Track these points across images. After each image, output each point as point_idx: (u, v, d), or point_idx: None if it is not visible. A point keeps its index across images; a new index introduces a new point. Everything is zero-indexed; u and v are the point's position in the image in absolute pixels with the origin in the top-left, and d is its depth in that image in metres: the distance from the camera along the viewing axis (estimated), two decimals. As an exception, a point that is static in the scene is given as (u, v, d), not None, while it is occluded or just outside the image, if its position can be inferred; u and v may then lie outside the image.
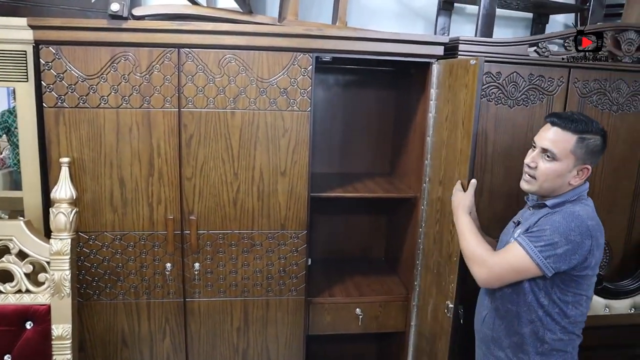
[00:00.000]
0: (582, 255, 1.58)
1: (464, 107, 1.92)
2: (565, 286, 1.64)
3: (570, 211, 1.62)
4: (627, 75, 2.38)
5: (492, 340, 1.82)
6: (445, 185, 2.12)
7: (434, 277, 2.22)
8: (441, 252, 2.14)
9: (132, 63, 2.00)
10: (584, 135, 1.64)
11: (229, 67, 2.07)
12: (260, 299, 2.32)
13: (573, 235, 1.56)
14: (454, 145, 2.02)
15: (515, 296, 1.72)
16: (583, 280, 1.64)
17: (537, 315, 1.68)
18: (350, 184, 2.62)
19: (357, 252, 3.06)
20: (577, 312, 1.68)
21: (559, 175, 1.66)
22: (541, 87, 2.29)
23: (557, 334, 1.68)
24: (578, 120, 1.65)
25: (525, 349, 1.72)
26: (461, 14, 2.93)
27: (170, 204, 2.15)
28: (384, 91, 2.87)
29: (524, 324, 1.71)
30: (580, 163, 1.66)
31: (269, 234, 2.26)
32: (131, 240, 2.17)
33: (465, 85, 1.91)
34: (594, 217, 1.64)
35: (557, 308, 1.66)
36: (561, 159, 1.65)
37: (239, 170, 2.17)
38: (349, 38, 2.12)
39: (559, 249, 1.57)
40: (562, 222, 1.59)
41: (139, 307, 2.25)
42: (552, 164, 1.66)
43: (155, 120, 2.06)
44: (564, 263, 1.58)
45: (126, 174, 2.10)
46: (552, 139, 1.66)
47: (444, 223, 2.11)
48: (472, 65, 1.84)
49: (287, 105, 2.14)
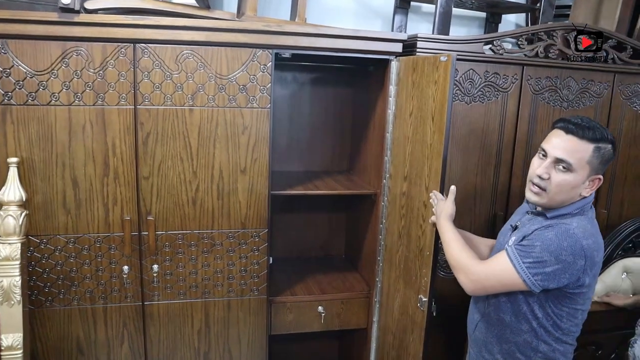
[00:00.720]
0: (573, 275, 1.50)
1: (434, 103, 1.93)
2: (559, 301, 1.58)
3: (565, 229, 1.51)
4: (577, 73, 2.47)
5: (484, 344, 1.77)
6: (411, 181, 2.13)
7: (400, 272, 2.24)
8: (409, 247, 2.15)
9: (85, 58, 1.92)
10: (600, 144, 1.53)
11: (187, 63, 2.02)
12: (222, 299, 2.28)
13: (564, 255, 1.48)
14: (422, 140, 2.03)
15: (510, 305, 1.66)
16: (578, 297, 1.57)
17: (530, 326, 1.63)
18: (311, 181, 2.61)
19: (317, 250, 3.06)
20: (571, 324, 1.63)
21: (573, 187, 1.55)
22: (496, 84, 2.35)
23: (550, 345, 1.63)
24: (593, 128, 1.53)
25: (517, 357, 1.68)
26: (417, 12, 2.97)
27: (126, 204, 2.08)
28: (343, 89, 2.87)
29: (516, 334, 1.66)
30: (593, 173, 1.55)
31: (230, 234, 2.23)
32: (86, 243, 2.08)
33: (434, 82, 1.92)
34: (591, 234, 1.54)
35: (551, 320, 1.60)
36: (577, 169, 1.53)
37: (198, 168, 2.12)
38: (309, 34, 2.10)
39: (548, 268, 1.49)
40: (554, 241, 1.49)
41: (95, 312, 2.16)
42: (567, 175, 1.54)
43: (110, 118, 1.99)
44: (553, 282, 1.50)
45: (80, 174, 2.01)
46: (568, 148, 1.53)
47: (412, 218, 2.13)
48: (442, 62, 1.86)
49: (246, 102, 2.11)
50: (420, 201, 2.05)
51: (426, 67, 1.99)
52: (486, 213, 2.48)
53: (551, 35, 2.38)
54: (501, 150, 2.44)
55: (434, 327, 2.08)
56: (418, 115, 2.07)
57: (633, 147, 2.65)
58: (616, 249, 2.53)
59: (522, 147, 2.45)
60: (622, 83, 2.57)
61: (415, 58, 2.10)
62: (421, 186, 2.04)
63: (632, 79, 2.59)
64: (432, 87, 1.95)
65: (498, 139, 2.42)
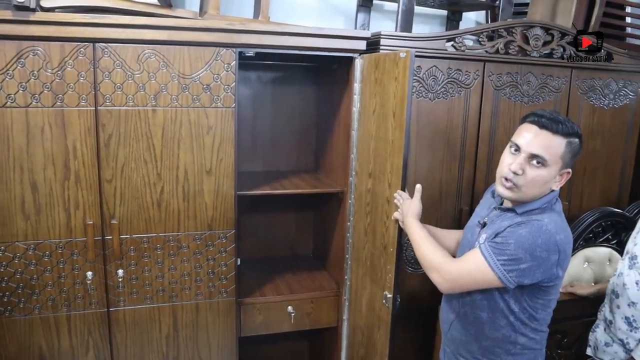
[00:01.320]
0: (547, 270, 1.52)
1: (395, 100, 1.93)
2: (535, 294, 1.59)
3: (538, 225, 1.52)
4: (536, 69, 2.53)
5: (461, 343, 1.77)
6: (376, 178, 2.14)
7: (367, 270, 2.25)
8: (374, 244, 2.16)
9: (42, 58, 1.86)
10: (571, 138, 1.55)
11: (149, 62, 1.98)
12: (190, 303, 2.24)
13: (539, 251, 1.49)
14: (385, 137, 2.03)
15: (486, 303, 1.65)
16: (551, 289, 1.60)
17: (507, 320, 1.63)
18: (277, 181, 2.60)
19: (285, 249, 3.04)
20: (545, 314, 1.65)
21: (546, 182, 1.57)
22: (459, 80, 2.38)
23: (527, 335, 1.65)
24: (564, 122, 1.55)
25: (496, 352, 1.68)
26: (380, 10, 2.99)
27: (89, 208, 2.02)
28: (308, 87, 2.87)
29: (495, 329, 1.66)
30: (564, 167, 1.58)
31: (196, 235, 2.19)
32: (47, 249, 2.01)
33: (395, 78, 1.93)
34: (563, 229, 1.55)
35: (527, 313, 1.62)
36: (551, 164, 1.54)
37: (162, 170, 2.08)
38: (273, 33, 2.09)
39: (523, 265, 1.50)
40: (528, 238, 1.50)
41: (58, 321, 2.09)
42: (541, 171, 1.55)
43: (70, 119, 1.93)
44: (527, 278, 1.51)
45: (39, 178, 1.95)
46: (543, 143, 1.54)
47: (377, 215, 2.13)
48: (402, 58, 1.86)
49: (210, 102, 2.09)
50: (384, 198, 2.06)
51: (387, 64, 2.00)
52: (452, 208, 2.52)
53: (511, 32, 2.43)
54: (465, 146, 2.47)
55: (403, 322, 2.09)
56: (381, 112, 2.08)
57: (591, 140, 2.73)
58: (577, 240, 2.60)
59: (485, 142, 2.50)
60: (579, 78, 2.64)
61: (378, 55, 2.10)
62: (384, 183, 2.05)
63: (587, 74, 2.66)
64: (393, 83, 1.95)
65: (462, 135, 2.45)
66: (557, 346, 2.55)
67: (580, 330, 2.51)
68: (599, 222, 2.66)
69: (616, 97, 2.77)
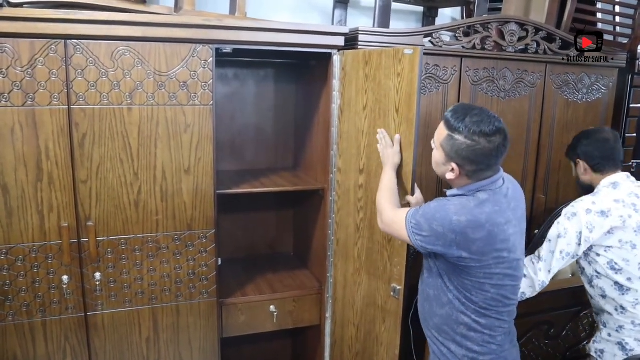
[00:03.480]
0: (446, 246, 1.61)
1: (399, 96, 1.94)
2: (457, 274, 1.68)
3: (443, 204, 1.66)
4: (512, 64, 2.55)
5: (424, 320, 1.89)
6: (370, 174, 2.13)
7: (361, 265, 2.24)
8: (372, 239, 2.16)
9: (11, 56, 1.79)
10: (453, 133, 1.64)
11: (123, 59, 1.93)
12: (170, 305, 2.20)
13: (435, 224, 1.62)
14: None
15: (432, 280, 1.78)
16: (471, 270, 1.64)
17: (447, 298, 1.73)
18: (257, 179, 2.57)
19: (266, 248, 3.01)
20: (484, 298, 1.67)
21: (438, 164, 1.76)
22: (437, 75, 2.39)
23: (470, 316, 1.70)
24: (450, 118, 1.70)
25: (444, 329, 1.77)
26: (357, 7, 2.98)
27: (63, 210, 1.96)
28: (286, 84, 2.84)
29: (440, 306, 1.76)
30: (448, 158, 1.68)
31: (175, 236, 2.15)
32: (20, 253, 1.95)
33: (397, 74, 1.93)
34: (469, 213, 1.60)
35: (461, 293, 1.69)
36: (437, 148, 1.73)
37: (139, 170, 2.04)
38: (250, 29, 2.06)
39: (424, 232, 1.66)
40: (431, 211, 1.67)
41: (33, 327, 2.03)
42: (435, 152, 1.76)
43: (41, 119, 1.87)
44: (430, 245, 1.66)
45: (10, 180, 1.88)
46: (438, 130, 1.74)
47: (374, 210, 2.10)
48: (407, 55, 1.87)
49: (188, 99, 2.05)
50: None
51: (384, 60, 1.99)
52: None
53: (487, 28, 2.45)
54: (444, 141, 2.48)
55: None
56: (376, 108, 2.07)
57: (565, 134, 2.77)
58: (555, 232, 2.63)
59: (463, 137, 2.50)
60: (553, 73, 2.68)
61: (369, 51, 2.09)
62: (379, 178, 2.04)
63: (561, 68, 2.70)
64: (394, 79, 1.95)
65: (440, 130, 2.46)
66: (544, 337, 2.58)
67: (565, 320, 2.55)
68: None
69: (589, 91, 2.82)
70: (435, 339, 1.82)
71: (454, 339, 1.75)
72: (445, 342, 1.78)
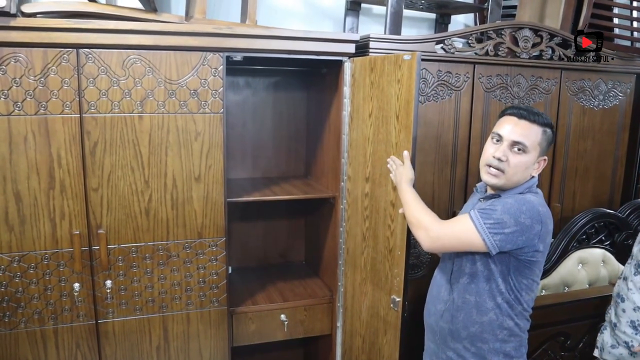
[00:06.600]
0: (529, 239, 1.60)
1: (398, 102, 1.92)
2: (520, 272, 1.67)
3: (522, 197, 1.65)
4: (526, 71, 2.52)
5: (450, 333, 1.80)
6: (375, 182, 2.11)
7: (367, 274, 2.21)
8: (376, 248, 2.13)
9: (24, 65, 1.82)
10: (545, 127, 1.68)
11: (134, 68, 1.94)
12: (180, 313, 2.20)
13: (523, 217, 1.59)
14: (386, 140, 2.01)
15: (474, 286, 1.72)
16: (534, 266, 1.67)
17: (495, 302, 1.70)
18: (268, 187, 2.57)
19: (277, 257, 3.00)
20: (529, 298, 1.72)
21: (527, 168, 1.68)
22: (449, 82, 2.37)
23: (513, 319, 1.71)
24: (538, 114, 1.69)
25: (484, 338, 1.72)
26: (368, 14, 2.97)
27: (75, 218, 1.97)
28: (297, 92, 2.84)
29: (482, 313, 1.72)
30: (540, 154, 1.70)
31: (186, 244, 2.15)
32: (32, 261, 1.96)
33: (397, 81, 1.92)
34: (544, 205, 1.67)
35: (513, 295, 1.69)
36: (530, 150, 1.66)
37: (150, 178, 2.04)
38: (261, 36, 2.06)
39: (507, 229, 1.59)
40: (514, 205, 1.61)
41: (44, 334, 2.04)
42: (522, 157, 1.66)
43: (53, 127, 1.89)
44: (510, 243, 1.60)
45: (23, 188, 1.90)
46: (522, 132, 1.66)
47: (378, 219, 2.10)
48: (406, 61, 1.86)
49: (198, 107, 2.05)
50: (387, 201, 2.03)
51: (386, 66, 1.98)
52: (444, 211, 2.49)
53: (500, 34, 2.42)
54: (457, 148, 2.46)
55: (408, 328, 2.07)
56: (379, 115, 2.05)
57: (581, 141, 2.73)
58: (571, 241, 2.58)
59: (476, 144, 2.48)
60: (569, 79, 2.64)
61: (374, 58, 2.08)
62: (387, 186, 2.03)
63: (577, 75, 2.66)
64: (394, 86, 1.94)
65: (453, 137, 2.44)
66: (560, 349, 2.53)
67: (582, 331, 2.50)
68: (592, 223, 2.65)
69: (606, 97, 2.77)
70: (466, 350, 1.76)
71: (493, 346, 1.72)
72: (479, 351, 1.73)
